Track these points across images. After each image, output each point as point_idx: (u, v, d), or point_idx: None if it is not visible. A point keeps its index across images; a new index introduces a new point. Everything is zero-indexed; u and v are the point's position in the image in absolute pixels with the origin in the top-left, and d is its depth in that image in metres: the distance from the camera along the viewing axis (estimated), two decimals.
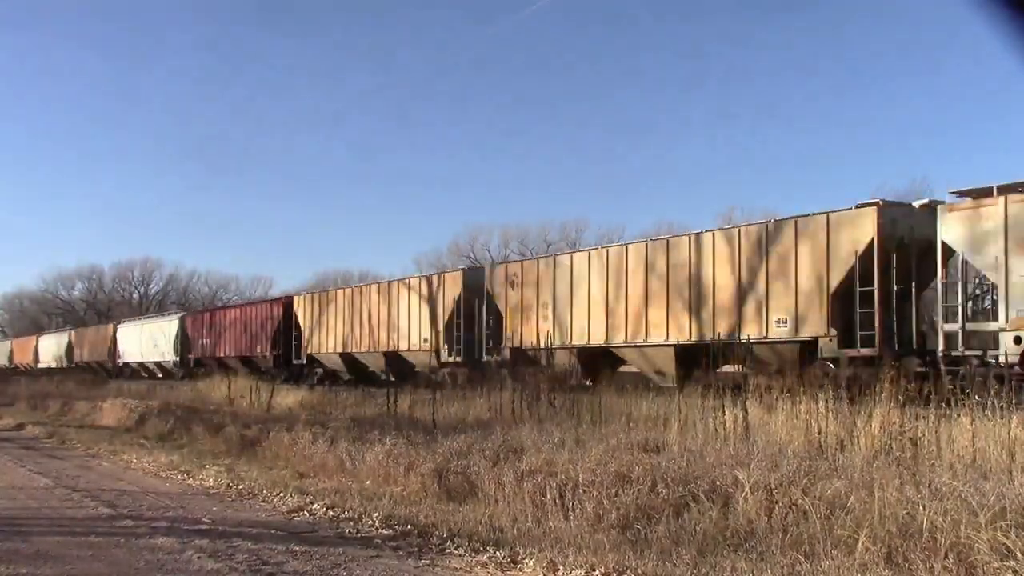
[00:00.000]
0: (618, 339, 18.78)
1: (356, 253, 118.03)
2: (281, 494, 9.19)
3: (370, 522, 7.60)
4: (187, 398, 23.05)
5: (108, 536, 7.28)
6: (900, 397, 8.54)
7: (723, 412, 9.76)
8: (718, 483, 6.92)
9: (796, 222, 15.79)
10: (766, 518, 6.25)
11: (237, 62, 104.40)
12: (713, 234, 17.47)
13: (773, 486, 6.53)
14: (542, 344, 19.92)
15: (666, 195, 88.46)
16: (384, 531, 7.28)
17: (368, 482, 9.74)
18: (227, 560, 6.29)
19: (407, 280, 27.16)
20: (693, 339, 17.14)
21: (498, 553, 6.35)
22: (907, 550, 5.29)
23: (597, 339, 19.23)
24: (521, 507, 7.59)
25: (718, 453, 8.13)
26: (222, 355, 35.02)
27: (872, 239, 14.39)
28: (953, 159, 69.16)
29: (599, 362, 19.05)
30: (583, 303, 19.68)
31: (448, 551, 6.57)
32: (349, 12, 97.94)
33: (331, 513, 8.12)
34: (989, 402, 7.96)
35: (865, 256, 14.48)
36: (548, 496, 7.50)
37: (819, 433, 8.62)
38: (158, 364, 40.42)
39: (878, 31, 76.82)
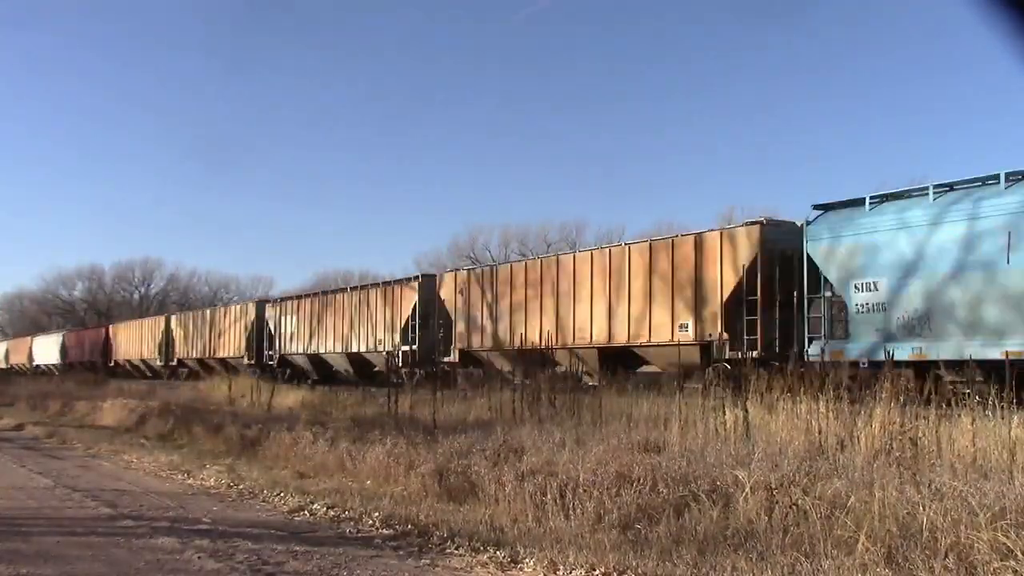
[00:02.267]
0: None
1: (356, 253, 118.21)
2: (281, 494, 9.19)
3: (370, 522, 7.60)
4: (187, 398, 23.05)
5: (108, 536, 7.28)
6: (900, 397, 8.56)
7: (723, 412, 9.75)
8: (718, 483, 6.92)
9: None
10: (766, 518, 6.25)
11: (237, 62, 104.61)
12: None
13: (773, 486, 6.53)
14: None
15: (666, 195, 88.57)
16: (384, 531, 7.28)
17: (368, 482, 9.74)
18: (227, 560, 6.29)
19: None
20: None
21: (498, 553, 6.35)
22: (907, 550, 5.29)
23: None
24: (521, 507, 7.59)
25: (718, 453, 8.13)
26: (77, 360, 52.37)
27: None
28: (953, 159, 69.25)
29: None
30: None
31: (448, 551, 6.57)
32: (349, 11, 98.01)
33: (331, 513, 8.12)
34: (989, 402, 8.02)
35: None
36: (549, 496, 7.49)
37: (819, 433, 8.62)
38: (54, 365, 55.85)
39: (878, 31, 76.87)
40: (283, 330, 33.69)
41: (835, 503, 6.09)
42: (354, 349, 28.96)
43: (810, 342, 15.47)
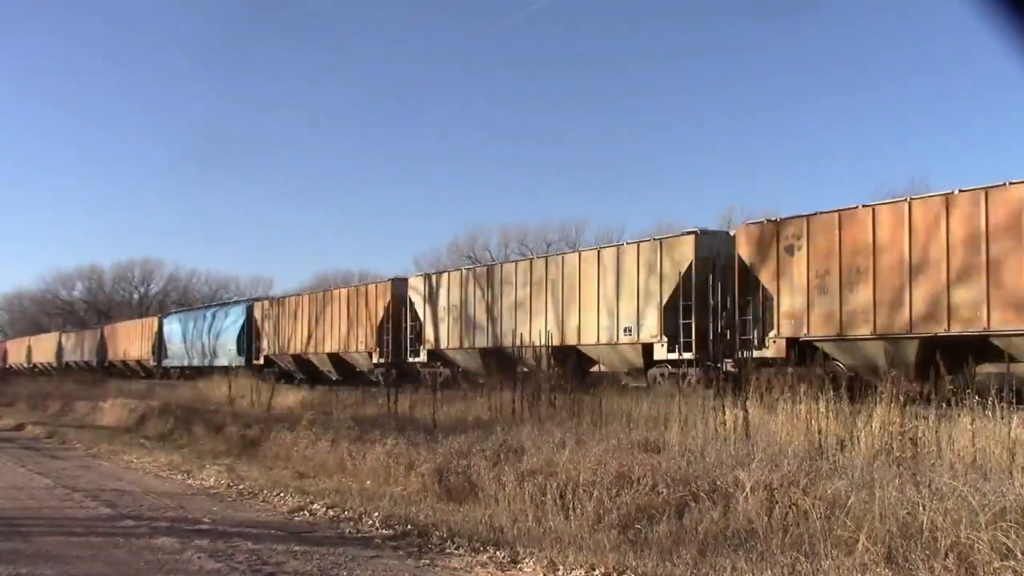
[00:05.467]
0: None
1: (356, 253, 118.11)
2: (281, 494, 9.19)
3: (370, 522, 7.60)
4: (187, 398, 23.06)
5: (108, 536, 7.28)
6: (900, 397, 8.55)
7: (723, 412, 9.74)
8: (719, 483, 6.92)
9: None
10: (766, 518, 6.25)
11: (236, 62, 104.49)
12: None
13: (774, 486, 6.53)
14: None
15: (666, 195, 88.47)
16: (384, 531, 7.29)
17: (368, 482, 9.75)
18: (227, 560, 6.29)
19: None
20: None
21: (498, 553, 6.35)
22: (907, 550, 5.29)
23: None
24: (521, 507, 7.59)
25: (718, 453, 8.12)
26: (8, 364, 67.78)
27: None
28: (953, 159, 69.18)
29: None
30: None
31: (448, 551, 6.57)
32: (348, 11, 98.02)
33: (331, 513, 8.12)
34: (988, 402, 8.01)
35: None
36: (548, 496, 7.50)
37: (819, 433, 8.62)
38: None
39: (878, 31, 76.89)
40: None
41: (835, 503, 6.09)
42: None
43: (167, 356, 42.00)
